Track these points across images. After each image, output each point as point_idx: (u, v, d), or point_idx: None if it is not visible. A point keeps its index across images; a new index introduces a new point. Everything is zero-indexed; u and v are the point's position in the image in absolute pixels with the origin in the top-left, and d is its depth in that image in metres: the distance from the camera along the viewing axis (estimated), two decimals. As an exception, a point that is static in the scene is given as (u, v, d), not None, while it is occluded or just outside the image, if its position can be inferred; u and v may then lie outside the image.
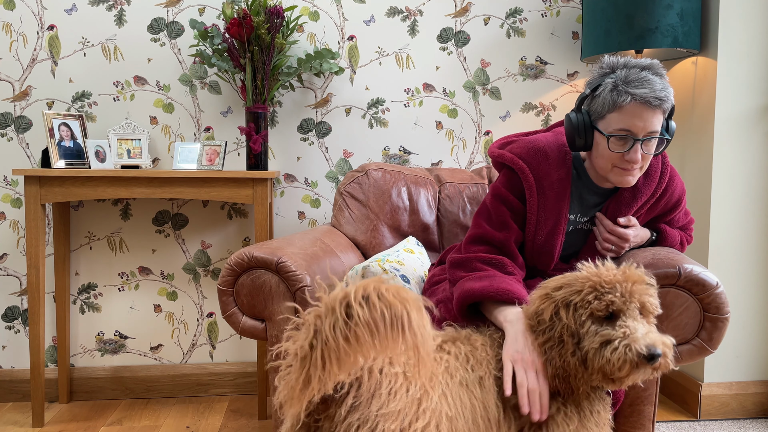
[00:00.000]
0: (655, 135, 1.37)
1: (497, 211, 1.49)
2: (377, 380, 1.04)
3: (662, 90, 1.34)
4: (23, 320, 2.39)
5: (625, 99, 1.35)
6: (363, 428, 1.00)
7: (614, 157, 1.40)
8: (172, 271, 2.44)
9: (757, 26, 2.16)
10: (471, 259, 1.44)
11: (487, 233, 1.47)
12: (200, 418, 2.23)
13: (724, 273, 2.22)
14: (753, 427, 2.13)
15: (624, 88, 1.35)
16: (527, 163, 1.47)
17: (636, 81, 1.34)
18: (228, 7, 2.23)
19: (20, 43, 2.31)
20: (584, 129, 1.42)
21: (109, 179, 2.09)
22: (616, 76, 1.37)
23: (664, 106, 1.35)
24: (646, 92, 1.33)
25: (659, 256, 1.44)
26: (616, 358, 1.12)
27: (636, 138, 1.36)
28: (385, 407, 1.02)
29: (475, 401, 1.14)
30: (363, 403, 1.02)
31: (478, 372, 1.19)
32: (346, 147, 2.47)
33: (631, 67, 1.38)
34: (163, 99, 2.39)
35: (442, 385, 1.12)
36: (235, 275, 1.55)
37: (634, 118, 1.35)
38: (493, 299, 1.33)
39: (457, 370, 1.17)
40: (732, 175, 2.20)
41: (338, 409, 1.03)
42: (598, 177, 1.50)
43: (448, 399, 1.11)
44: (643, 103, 1.34)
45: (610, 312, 1.16)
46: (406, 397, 1.04)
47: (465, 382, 1.16)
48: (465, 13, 2.47)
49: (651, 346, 1.10)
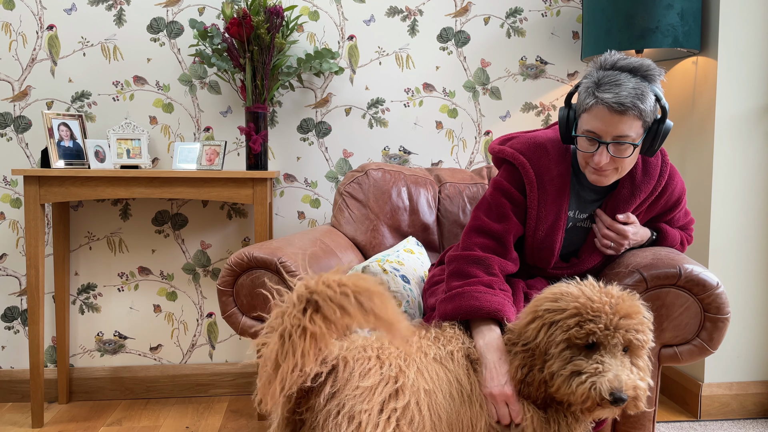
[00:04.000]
0: (624, 140, 1.35)
1: (497, 202, 1.49)
2: (351, 367, 1.07)
3: (630, 96, 1.31)
4: (23, 320, 2.38)
5: (590, 101, 1.35)
6: (341, 413, 1.02)
7: (585, 157, 1.42)
8: (171, 271, 2.44)
9: (758, 26, 2.16)
10: (462, 258, 1.44)
11: (485, 224, 1.48)
12: (200, 419, 2.23)
13: (724, 273, 2.22)
14: (753, 428, 2.13)
15: (592, 90, 1.35)
16: (528, 158, 1.48)
17: (606, 84, 1.33)
18: (228, 6, 2.23)
19: (20, 42, 2.31)
20: (570, 124, 1.44)
21: (108, 179, 2.09)
22: (594, 77, 1.37)
23: (632, 113, 1.32)
24: (609, 97, 1.31)
25: (659, 256, 1.44)
26: (580, 392, 1.10)
27: (601, 141, 1.36)
28: (358, 387, 1.04)
29: (449, 375, 1.17)
30: (339, 390, 1.05)
31: (449, 347, 1.22)
32: (346, 147, 2.47)
33: (610, 68, 1.36)
34: (163, 99, 2.39)
35: (417, 362, 1.14)
36: (235, 275, 1.55)
37: (597, 121, 1.35)
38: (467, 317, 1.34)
39: (430, 347, 1.20)
40: (732, 175, 2.20)
41: (317, 398, 1.05)
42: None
43: (425, 374, 1.13)
44: (606, 107, 1.33)
45: (590, 342, 1.12)
46: (378, 374, 1.06)
47: (439, 358, 1.19)
48: (465, 12, 2.47)
49: (617, 390, 1.06)
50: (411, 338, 1.19)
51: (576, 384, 1.10)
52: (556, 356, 1.14)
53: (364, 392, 1.04)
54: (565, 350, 1.13)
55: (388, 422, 1.02)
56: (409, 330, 1.01)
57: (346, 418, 1.01)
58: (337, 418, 1.01)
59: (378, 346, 1.14)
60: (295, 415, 1.09)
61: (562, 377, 1.12)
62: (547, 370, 1.16)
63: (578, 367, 1.11)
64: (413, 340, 1.20)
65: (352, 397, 1.03)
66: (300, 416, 1.08)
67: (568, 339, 1.13)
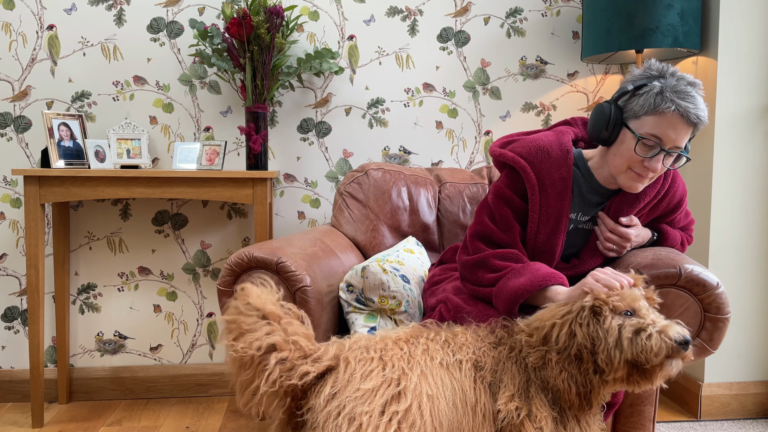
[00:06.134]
0: (679, 150, 1.38)
1: (500, 212, 1.49)
2: (352, 369, 1.07)
3: (703, 110, 1.36)
4: (23, 320, 2.38)
5: (669, 107, 1.34)
6: (342, 414, 1.01)
7: (634, 160, 1.40)
8: (171, 271, 2.44)
9: (757, 26, 2.16)
10: (488, 258, 1.45)
11: (494, 234, 1.48)
12: (200, 419, 2.23)
13: (725, 273, 2.22)
14: (753, 428, 2.13)
15: (671, 96, 1.35)
16: (529, 162, 1.47)
17: (683, 93, 1.35)
18: (228, 6, 2.23)
19: (20, 42, 2.31)
20: (613, 123, 1.42)
21: (108, 179, 2.09)
22: (666, 82, 1.37)
23: (699, 126, 1.37)
24: (691, 107, 1.34)
25: (660, 256, 1.43)
26: (652, 344, 1.12)
27: (662, 148, 1.37)
28: (359, 389, 1.04)
29: (455, 383, 1.15)
30: (339, 391, 1.05)
31: (458, 356, 1.20)
32: (346, 147, 2.47)
33: (679, 78, 1.38)
34: (163, 99, 2.38)
35: (422, 365, 1.12)
36: (235, 275, 1.55)
37: (669, 127, 1.36)
38: (537, 288, 1.35)
39: (437, 352, 1.18)
40: (732, 175, 2.20)
41: (317, 399, 1.05)
42: (606, 177, 1.49)
43: (429, 379, 1.11)
44: (682, 116, 1.34)
45: (628, 310, 1.17)
46: (380, 376, 1.06)
47: (446, 364, 1.17)
48: (465, 12, 2.47)
49: (683, 333, 1.12)
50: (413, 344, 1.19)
51: (645, 338, 1.13)
52: (611, 326, 1.16)
53: (366, 394, 1.03)
54: (614, 320, 1.16)
55: (389, 424, 1.01)
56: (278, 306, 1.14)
57: (347, 419, 1.01)
58: (338, 420, 1.01)
59: (381, 347, 1.13)
60: (296, 416, 1.09)
61: (627, 339, 1.14)
62: (603, 352, 1.16)
63: (638, 325, 1.15)
64: (420, 341, 1.19)
65: (353, 399, 1.03)
66: (301, 417, 1.08)
67: (611, 310, 1.17)
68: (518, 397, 1.17)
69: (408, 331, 1.23)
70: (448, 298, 1.50)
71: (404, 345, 1.17)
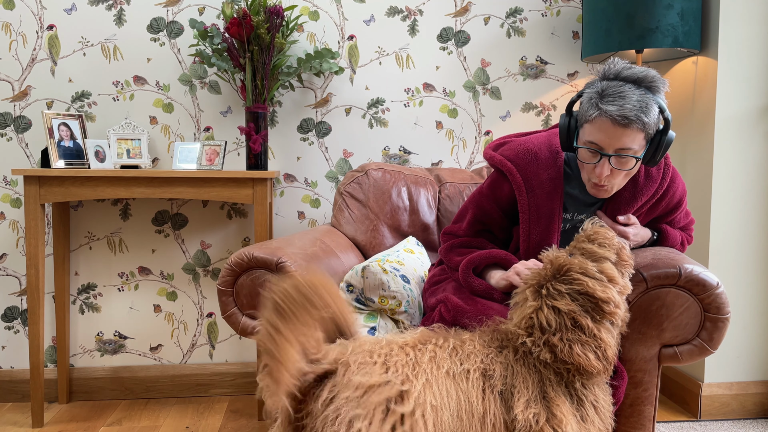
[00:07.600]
0: (626, 153, 1.34)
1: (474, 210, 1.59)
2: (352, 372, 1.05)
3: (635, 109, 1.29)
4: (23, 320, 2.38)
5: (593, 113, 1.33)
6: (339, 418, 1.00)
7: (587, 168, 1.41)
8: (171, 271, 2.44)
9: (757, 26, 2.16)
10: (453, 245, 1.61)
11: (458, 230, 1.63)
12: (200, 419, 2.23)
13: (724, 273, 2.22)
14: (753, 428, 2.13)
15: (596, 101, 1.33)
16: (515, 164, 1.50)
17: (610, 96, 1.31)
18: (228, 6, 2.22)
19: (20, 42, 2.31)
20: (568, 133, 1.43)
21: (108, 179, 2.09)
22: (599, 85, 1.35)
23: (635, 126, 1.30)
24: (613, 109, 1.30)
25: (660, 256, 1.43)
26: (600, 230, 1.24)
27: (603, 153, 1.35)
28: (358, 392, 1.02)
29: (461, 394, 1.12)
30: (337, 395, 1.03)
31: (466, 365, 1.16)
32: (346, 147, 2.47)
33: (614, 78, 1.35)
34: (163, 99, 2.38)
35: (427, 374, 1.09)
36: (235, 275, 1.55)
37: (600, 132, 1.34)
38: (494, 265, 1.51)
39: (444, 361, 1.14)
40: (732, 175, 2.20)
41: (315, 404, 1.04)
42: None
43: (434, 388, 1.08)
44: (609, 120, 1.31)
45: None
46: (380, 378, 1.05)
47: (452, 374, 1.13)
48: (465, 12, 2.47)
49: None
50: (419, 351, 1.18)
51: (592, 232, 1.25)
52: (573, 263, 1.21)
53: (365, 398, 1.01)
54: (569, 261, 1.22)
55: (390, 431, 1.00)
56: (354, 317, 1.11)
57: (344, 424, 1.00)
58: (335, 425, 1.00)
59: (386, 352, 1.10)
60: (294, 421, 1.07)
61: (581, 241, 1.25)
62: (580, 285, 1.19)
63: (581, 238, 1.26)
64: (428, 348, 1.15)
65: (350, 402, 1.01)
66: (300, 421, 1.07)
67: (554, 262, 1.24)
68: (534, 401, 1.14)
69: (416, 336, 1.19)
70: (447, 298, 1.51)
71: (411, 351, 1.13)
